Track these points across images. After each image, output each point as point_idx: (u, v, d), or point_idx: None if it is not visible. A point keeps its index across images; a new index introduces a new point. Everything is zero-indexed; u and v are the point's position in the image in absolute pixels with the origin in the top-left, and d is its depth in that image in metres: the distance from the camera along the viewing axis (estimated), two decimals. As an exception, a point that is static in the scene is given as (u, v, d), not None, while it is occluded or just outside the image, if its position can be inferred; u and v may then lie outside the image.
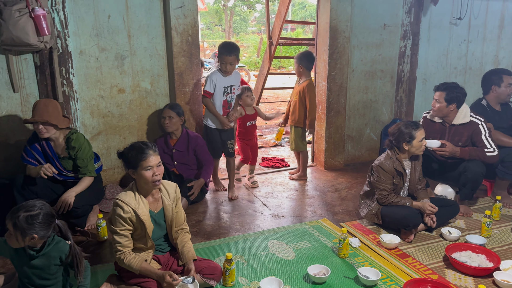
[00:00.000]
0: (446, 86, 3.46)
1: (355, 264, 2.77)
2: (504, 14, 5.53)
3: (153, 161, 2.29)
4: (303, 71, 4.31)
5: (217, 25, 30.78)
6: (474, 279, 2.61)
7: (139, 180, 2.33)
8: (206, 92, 3.73)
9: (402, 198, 3.16)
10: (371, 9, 4.68)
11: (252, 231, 3.29)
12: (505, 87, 3.81)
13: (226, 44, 3.71)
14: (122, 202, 2.28)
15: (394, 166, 3.15)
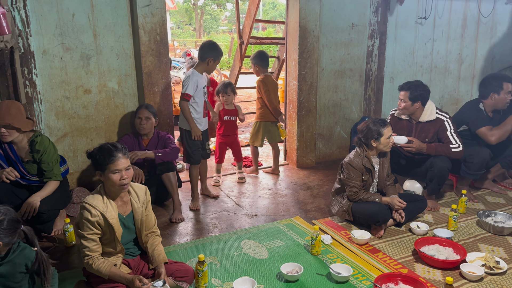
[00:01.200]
0: (409, 85, 3.53)
1: (327, 261, 2.80)
2: (466, 13, 5.73)
3: (122, 164, 2.23)
4: (259, 69, 4.46)
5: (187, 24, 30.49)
6: (442, 272, 2.69)
7: (107, 183, 2.26)
8: (187, 95, 3.48)
9: (372, 194, 3.22)
10: (339, 8, 4.74)
11: (226, 232, 3.27)
12: (504, 95, 3.69)
13: (218, 47, 3.66)
14: (90, 206, 2.21)
15: (363, 163, 3.20)
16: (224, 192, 4.13)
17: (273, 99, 4.44)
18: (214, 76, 13.10)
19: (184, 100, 3.51)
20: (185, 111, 3.54)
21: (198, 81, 3.54)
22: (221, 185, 4.33)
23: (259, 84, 4.42)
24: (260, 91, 4.42)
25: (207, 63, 3.55)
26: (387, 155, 3.35)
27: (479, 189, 4.12)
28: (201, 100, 3.61)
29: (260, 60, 4.45)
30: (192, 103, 3.56)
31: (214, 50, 3.55)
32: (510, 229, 3.15)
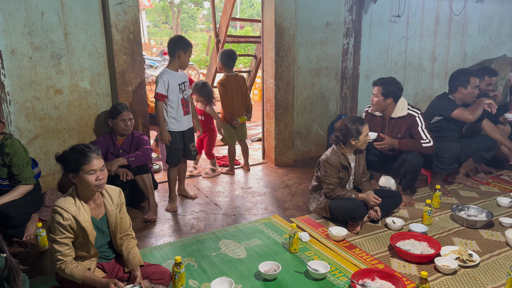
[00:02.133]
0: (383, 81, 3.59)
1: (305, 258, 2.81)
2: (439, 12, 5.85)
3: (97, 164, 2.19)
4: (223, 68, 4.40)
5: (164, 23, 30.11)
6: (417, 266, 2.73)
7: (80, 185, 2.21)
8: (158, 95, 3.40)
9: (348, 191, 3.24)
10: (314, 7, 4.77)
11: (204, 232, 3.24)
12: (471, 89, 3.77)
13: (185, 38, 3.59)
14: (61, 209, 2.15)
15: (340, 160, 3.23)
16: (203, 192, 4.10)
17: (230, 103, 4.37)
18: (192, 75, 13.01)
19: (157, 100, 3.45)
20: (157, 111, 3.47)
21: (169, 79, 3.45)
22: (199, 185, 4.29)
23: (218, 86, 4.38)
24: (219, 93, 4.41)
25: (178, 57, 3.46)
26: (363, 152, 3.38)
27: (452, 183, 4.21)
28: (176, 98, 3.52)
29: (227, 59, 4.35)
30: (168, 102, 3.50)
31: (181, 42, 3.47)
32: (482, 223, 3.23)
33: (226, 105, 4.39)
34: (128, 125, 3.50)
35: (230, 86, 4.37)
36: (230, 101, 4.38)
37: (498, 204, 3.66)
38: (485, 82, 4.22)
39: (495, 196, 3.84)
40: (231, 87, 4.37)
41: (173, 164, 3.69)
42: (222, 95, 4.37)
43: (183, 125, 3.63)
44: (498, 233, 3.16)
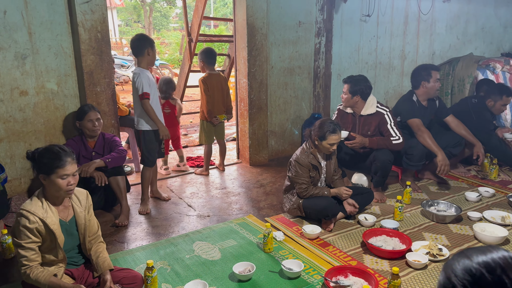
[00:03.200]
0: (351, 79, 3.65)
1: (279, 258, 2.81)
2: (408, 11, 5.97)
3: (70, 169, 2.12)
4: (204, 66, 4.43)
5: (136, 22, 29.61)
6: (389, 262, 2.77)
7: (50, 188, 2.13)
8: (147, 94, 3.36)
9: (321, 188, 3.26)
10: (286, 6, 4.78)
11: (177, 234, 3.19)
12: (433, 82, 3.89)
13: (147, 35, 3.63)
14: (28, 212, 2.07)
15: (309, 160, 3.25)
16: (176, 194, 4.05)
17: (210, 101, 4.38)
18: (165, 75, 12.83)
19: (145, 99, 3.39)
20: (149, 111, 3.42)
21: (149, 77, 3.45)
22: (173, 187, 4.23)
23: (199, 83, 4.41)
24: (200, 90, 4.43)
25: (148, 54, 3.45)
26: (332, 155, 3.41)
27: (422, 179, 4.31)
28: (155, 96, 3.54)
29: (206, 57, 4.39)
30: None
31: (147, 39, 3.48)
32: (451, 217, 3.32)
33: (206, 103, 4.38)
34: (96, 126, 3.41)
35: (212, 84, 4.38)
36: (211, 99, 4.38)
37: (466, 199, 3.77)
38: (502, 102, 4.32)
39: (464, 191, 3.95)
40: (212, 85, 4.38)
41: (150, 164, 3.65)
42: (202, 92, 4.37)
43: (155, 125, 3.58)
44: (466, 227, 3.25)
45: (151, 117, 3.45)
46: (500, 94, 4.26)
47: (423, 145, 3.77)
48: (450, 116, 4.09)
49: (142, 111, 3.47)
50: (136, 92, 3.42)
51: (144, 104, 3.40)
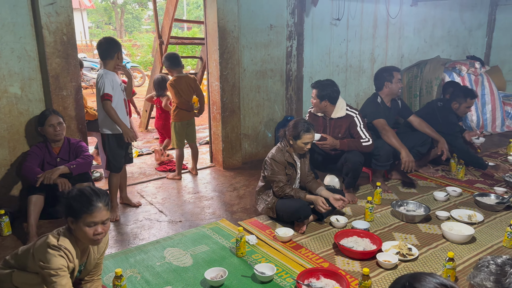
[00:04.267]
0: (318, 84, 3.70)
1: (252, 262, 2.80)
2: (377, 15, 6.09)
3: (99, 217, 1.97)
4: (171, 70, 4.44)
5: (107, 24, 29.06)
6: (360, 263, 2.80)
7: (77, 232, 2.01)
8: (108, 96, 3.26)
9: (298, 191, 3.27)
10: (257, 9, 4.78)
11: (147, 241, 3.13)
12: (395, 83, 4.03)
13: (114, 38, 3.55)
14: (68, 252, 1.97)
15: (285, 158, 3.28)
16: (146, 199, 3.97)
17: (183, 102, 4.40)
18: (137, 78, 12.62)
19: (106, 100, 3.28)
20: (110, 112, 3.30)
21: (113, 79, 3.36)
22: (144, 192, 4.15)
23: (168, 87, 4.42)
24: (171, 94, 4.43)
25: (118, 58, 3.40)
26: (305, 155, 3.44)
27: (392, 179, 4.40)
28: (121, 98, 3.45)
29: (170, 62, 4.41)
30: (112, 103, 3.36)
31: (116, 43, 3.42)
32: (420, 217, 3.39)
33: (182, 103, 4.39)
34: (58, 130, 3.31)
35: (181, 87, 4.36)
36: (183, 100, 4.39)
37: (434, 199, 3.86)
38: (466, 104, 4.45)
39: (432, 190, 4.05)
40: (182, 88, 4.37)
41: (115, 170, 3.56)
42: (175, 94, 4.35)
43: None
44: (435, 226, 3.33)
45: (113, 119, 3.32)
46: (464, 97, 4.40)
47: (389, 145, 3.85)
48: (413, 115, 4.24)
49: (105, 115, 3.36)
50: (99, 93, 3.32)
51: (105, 105, 3.28)
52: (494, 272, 1.42)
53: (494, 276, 1.41)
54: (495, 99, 6.41)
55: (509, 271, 1.40)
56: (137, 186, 4.31)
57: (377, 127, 3.96)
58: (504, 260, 1.44)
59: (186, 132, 4.51)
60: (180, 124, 4.45)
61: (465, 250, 2.95)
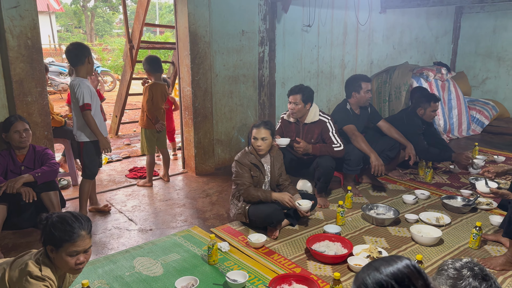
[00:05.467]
0: (300, 88, 3.72)
1: (224, 269, 2.77)
2: (346, 22, 6.20)
3: (83, 245, 1.89)
4: (150, 75, 4.37)
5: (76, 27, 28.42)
6: (332, 267, 2.82)
7: (57, 261, 1.91)
8: (88, 105, 3.30)
9: (263, 191, 3.26)
10: (229, 15, 4.78)
11: (116, 251, 3.05)
12: (363, 93, 4.09)
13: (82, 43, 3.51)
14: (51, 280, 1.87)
15: (249, 159, 3.30)
16: (116, 207, 3.88)
17: (153, 108, 4.31)
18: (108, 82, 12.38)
19: (87, 110, 3.31)
20: (90, 122, 3.34)
21: (90, 87, 3.37)
22: (113, 200, 4.05)
23: (145, 90, 4.33)
24: (144, 98, 4.34)
25: (88, 62, 3.38)
26: (277, 156, 3.43)
27: (362, 183, 4.46)
28: (97, 105, 3.46)
29: (151, 66, 4.33)
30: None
31: (85, 47, 3.39)
32: (390, 220, 3.45)
33: (151, 110, 4.30)
34: (24, 137, 3.20)
35: (157, 94, 4.32)
36: (154, 108, 4.31)
37: (403, 202, 3.94)
38: (431, 108, 4.55)
39: (401, 194, 4.13)
40: (157, 95, 4.32)
41: (91, 176, 3.56)
42: (147, 100, 4.27)
43: (104, 132, 3.53)
44: (404, 229, 3.39)
45: (92, 129, 3.37)
46: (428, 101, 4.52)
47: (359, 150, 3.92)
48: (382, 120, 4.35)
49: (83, 123, 3.37)
50: (77, 103, 3.32)
51: (86, 115, 3.32)
52: (452, 276, 1.45)
53: (451, 280, 1.44)
54: (461, 104, 6.63)
55: (465, 275, 1.43)
56: (106, 194, 4.20)
57: (347, 133, 4.02)
58: (462, 264, 1.47)
59: (157, 138, 4.44)
60: (150, 131, 4.38)
61: (433, 252, 3.02)
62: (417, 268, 1.18)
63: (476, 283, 1.40)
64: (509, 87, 7.66)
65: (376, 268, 1.17)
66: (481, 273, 1.43)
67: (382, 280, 1.13)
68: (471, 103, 7.07)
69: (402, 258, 1.21)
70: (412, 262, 1.20)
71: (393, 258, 1.21)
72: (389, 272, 1.15)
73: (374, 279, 1.14)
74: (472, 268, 1.44)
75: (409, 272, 1.15)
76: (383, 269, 1.16)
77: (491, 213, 3.67)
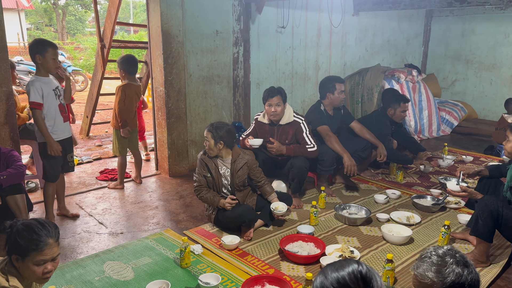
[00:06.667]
0: (277, 90, 3.73)
1: (197, 272, 2.74)
2: (320, 24, 6.26)
3: (50, 253, 1.81)
4: (125, 75, 4.26)
5: (47, 25, 27.65)
6: (305, 267, 2.83)
7: (23, 271, 1.82)
8: (34, 104, 3.17)
9: (214, 195, 3.22)
10: (202, 15, 4.74)
11: (85, 255, 2.96)
12: (338, 94, 4.14)
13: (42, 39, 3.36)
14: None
15: (205, 161, 3.27)
16: (86, 210, 3.78)
17: (124, 111, 4.20)
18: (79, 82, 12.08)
19: (34, 109, 3.19)
20: (37, 121, 3.22)
21: (42, 86, 3.23)
22: (83, 203, 3.95)
23: (117, 90, 4.22)
24: (116, 98, 4.23)
25: (38, 61, 3.22)
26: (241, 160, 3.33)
27: (336, 183, 4.51)
28: (54, 105, 3.30)
29: (127, 66, 4.22)
30: (44, 111, 3.25)
31: (36, 45, 3.22)
32: (362, 220, 3.50)
33: (122, 112, 4.19)
34: None
35: (130, 95, 4.22)
36: (127, 110, 4.21)
37: (375, 201, 4.00)
38: (401, 109, 4.62)
39: (373, 193, 4.19)
40: (130, 96, 4.23)
41: (52, 179, 3.42)
42: (119, 100, 4.17)
43: (62, 134, 3.40)
44: (375, 228, 3.44)
45: (39, 128, 3.24)
46: (398, 101, 4.62)
47: (332, 150, 3.96)
48: (354, 121, 4.41)
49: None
50: None
51: (33, 114, 3.22)
52: (436, 262, 1.48)
53: (435, 266, 1.47)
54: (431, 105, 6.80)
55: (449, 261, 1.46)
56: (76, 197, 4.09)
57: (320, 133, 4.05)
58: (445, 251, 1.51)
59: (129, 139, 4.35)
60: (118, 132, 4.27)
61: (404, 251, 3.08)
62: (362, 274, 1.20)
63: (459, 269, 1.44)
64: (477, 89, 7.92)
65: (324, 274, 1.21)
66: (462, 260, 1.48)
67: (326, 285, 1.17)
68: (441, 105, 7.27)
69: (351, 263, 1.23)
70: (360, 268, 1.22)
71: (342, 263, 1.23)
72: (334, 278, 1.18)
73: (321, 285, 1.18)
74: (454, 255, 1.49)
75: (350, 278, 1.18)
76: (329, 275, 1.20)
77: (459, 212, 3.78)
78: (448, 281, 1.42)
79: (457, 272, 1.43)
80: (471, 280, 1.43)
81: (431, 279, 1.46)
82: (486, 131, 6.83)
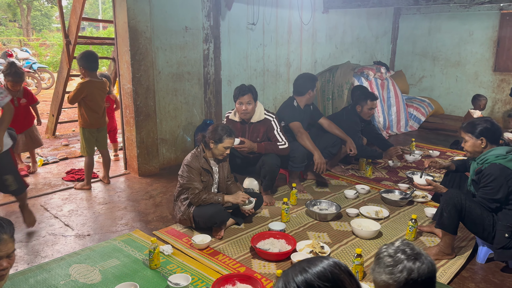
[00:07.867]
0: (248, 88, 3.71)
1: (166, 273, 2.69)
2: (291, 21, 6.27)
3: (5, 249, 1.73)
4: (86, 72, 4.10)
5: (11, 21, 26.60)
6: (276, 264, 2.83)
7: None
8: None
9: (214, 194, 3.22)
10: (171, 10, 4.66)
11: (50, 259, 2.86)
12: (315, 91, 4.28)
13: None
14: None
15: (201, 164, 3.21)
16: (51, 212, 3.65)
17: (88, 112, 4.10)
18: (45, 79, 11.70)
19: None
20: None
21: None
22: (48, 205, 3.81)
23: (78, 87, 4.03)
24: (76, 93, 4.02)
25: None
26: (224, 161, 3.40)
27: (307, 180, 4.54)
28: None
29: (87, 62, 4.06)
30: None
31: None
32: (332, 215, 3.53)
33: (88, 110, 4.08)
34: None
35: (94, 92, 4.08)
36: (90, 109, 4.09)
37: (345, 197, 4.05)
38: (368, 106, 4.67)
39: (343, 189, 4.24)
40: (93, 94, 4.08)
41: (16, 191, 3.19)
42: (82, 97, 4.03)
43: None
44: (345, 223, 3.48)
45: None
46: (365, 99, 4.68)
47: (303, 147, 3.98)
48: (323, 118, 4.47)
49: None
50: None
51: None
52: (388, 264, 1.49)
53: (388, 268, 1.48)
54: (400, 102, 6.95)
55: (400, 259, 1.47)
56: (41, 198, 3.95)
57: (292, 130, 4.07)
58: (395, 249, 1.52)
59: (96, 138, 4.23)
60: (89, 130, 4.16)
61: (373, 245, 3.13)
62: (342, 266, 1.22)
63: (410, 263, 1.46)
64: (443, 85, 8.15)
65: (304, 269, 1.19)
66: (412, 253, 1.49)
67: (307, 279, 1.17)
68: (408, 101, 7.44)
69: (328, 258, 1.23)
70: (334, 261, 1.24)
71: (319, 259, 1.23)
72: (314, 272, 1.18)
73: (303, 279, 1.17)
74: (404, 251, 1.50)
75: (332, 271, 1.18)
76: (310, 269, 1.18)
77: (426, 205, 3.87)
78: (402, 279, 1.44)
79: (408, 268, 1.45)
80: (423, 271, 1.45)
81: (386, 281, 1.48)
82: (452, 126, 7.04)
